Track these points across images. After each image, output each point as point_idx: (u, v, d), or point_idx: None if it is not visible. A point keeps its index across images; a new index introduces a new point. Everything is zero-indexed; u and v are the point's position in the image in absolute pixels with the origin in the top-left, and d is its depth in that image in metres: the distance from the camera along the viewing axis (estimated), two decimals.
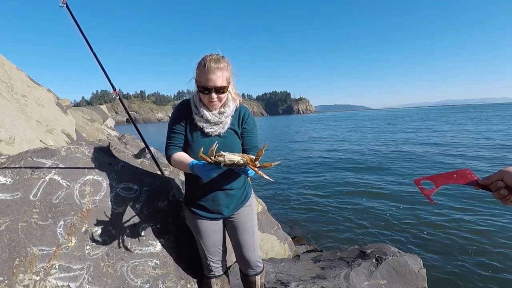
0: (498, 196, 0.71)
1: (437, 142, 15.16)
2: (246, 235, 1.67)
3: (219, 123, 1.49)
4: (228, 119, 1.51)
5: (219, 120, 1.48)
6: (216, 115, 1.48)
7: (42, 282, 1.41)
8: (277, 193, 7.36)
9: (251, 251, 1.69)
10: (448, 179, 0.82)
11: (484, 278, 3.33)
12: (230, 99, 1.50)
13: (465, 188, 6.49)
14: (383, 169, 9.15)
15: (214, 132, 1.49)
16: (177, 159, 1.45)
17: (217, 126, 1.48)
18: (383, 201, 6.13)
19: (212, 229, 1.64)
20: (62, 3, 1.61)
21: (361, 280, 2.39)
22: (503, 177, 0.70)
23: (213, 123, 1.48)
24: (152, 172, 1.99)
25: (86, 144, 1.90)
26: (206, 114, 1.46)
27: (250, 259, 1.70)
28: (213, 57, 1.40)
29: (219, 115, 1.48)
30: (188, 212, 1.67)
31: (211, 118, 1.47)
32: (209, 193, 1.55)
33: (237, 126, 1.55)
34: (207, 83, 1.38)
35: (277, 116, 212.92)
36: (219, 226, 1.68)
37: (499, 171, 0.71)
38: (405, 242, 4.29)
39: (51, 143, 3.09)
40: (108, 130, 8.67)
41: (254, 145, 1.59)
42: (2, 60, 3.30)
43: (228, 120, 1.51)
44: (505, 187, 0.70)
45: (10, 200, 1.52)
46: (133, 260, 1.65)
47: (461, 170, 0.80)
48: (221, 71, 1.39)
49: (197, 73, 1.44)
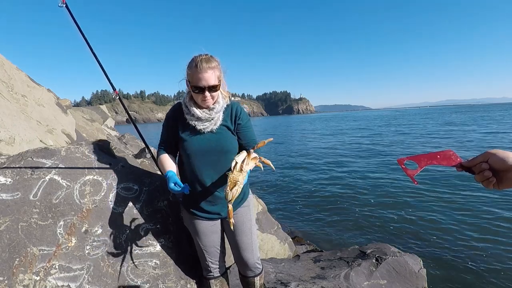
0: (481, 178, 0.70)
1: (442, 142, 15.17)
2: (243, 236, 1.65)
3: (210, 120, 1.50)
4: (219, 115, 1.52)
5: (209, 116, 1.49)
6: (206, 111, 1.50)
7: (42, 282, 1.41)
8: (277, 193, 7.36)
9: (249, 252, 1.68)
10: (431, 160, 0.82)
11: (484, 278, 3.33)
12: (220, 96, 1.53)
13: (466, 189, 6.49)
14: (383, 169, 9.15)
15: (206, 128, 1.50)
16: (161, 162, 1.56)
17: (209, 123, 1.50)
18: (383, 201, 6.13)
19: (210, 230, 1.64)
20: (62, 3, 1.61)
21: (361, 280, 2.39)
22: (488, 158, 0.70)
23: (204, 120, 1.49)
24: (152, 172, 1.99)
25: (86, 144, 1.90)
26: (196, 112, 1.48)
27: (248, 260, 1.68)
28: (203, 57, 1.42)
29: (209, 112, 1.50)
30: (186, 213, 1.67)
31: (202, 115, 1.49)
32: (206, 193, 1.55)
33: (230, 122, 1.56)
34: (199, 83, 1.40)
35: (277, 116, 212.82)
36: (217, 227, 1.67)
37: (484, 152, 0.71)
38: (405, 242, 4.29)
39: (51, 143, 3.08)
40: (108, 130, 8.67)
41: (251, 138, 1.61)
42: (2, 60, 3.30)
43: (220, 116, 1.52)
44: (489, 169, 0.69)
45: (10, 200, 1.51)
46: (133, 260, 1.65)
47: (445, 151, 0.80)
48: (212, 70, 1.41)
49: (188, 73, 1.45)
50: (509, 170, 0.66)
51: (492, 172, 0.69)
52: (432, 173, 8.01)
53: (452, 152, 0.79)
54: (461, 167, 0.76)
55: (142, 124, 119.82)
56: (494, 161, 0.68)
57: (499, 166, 0.67)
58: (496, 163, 0.68)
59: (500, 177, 0.69)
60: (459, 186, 6.71)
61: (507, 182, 0.68)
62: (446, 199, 5.90)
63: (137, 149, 2.77)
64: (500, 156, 0.67)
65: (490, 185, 0.70)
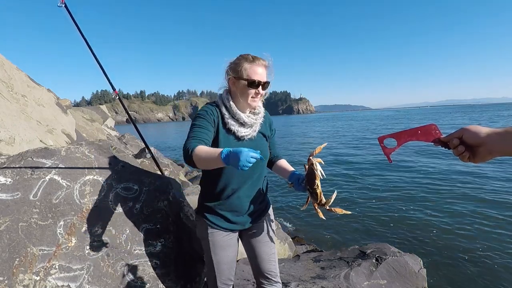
0: (456, 152, 0.74)
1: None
2: (266, 247, 1.51)
3: (252, 125, 1.39)
4: (261, 120, 1.43)
5: (254, 122, 1.39)
6: (252, 116, 1.39)
7: (42, 282, 1.42)
8: (277, 193, 7.36)
9: (273, 264, 1.53)
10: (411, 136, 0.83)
11: (485, 278, 3.33)
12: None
13: (466, 189, 6.48)
14: (383, 169, 9.15)
15: (248, 135, 1.38)
16: (203, 150, 1.16)
17: (251, 129, 1.39)
18: (383, 201, 6.13)
19: (227, 243, 1.45)
20: (61, 3, 1.61)
21: (361, 280, 2.38)
22: (463, 134, 0.72)
23: (248, 125, 1.38)
24: (152, 172, 1.99)
25: (86, 144, 1.90)
26: (241, 116, 1.35)
27: (272, 272, 1.52)
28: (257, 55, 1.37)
29: (254, 116, 1.40)
30: (202, 221, 1.45)
31: (248, 120, 1.36)
32: (232, 200, 1.40)
33: (266, 129, 1.48)
34: (256, 76, 1.32)
35: (277, 116, 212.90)
36: (235, 239, 1.50)
37: (460, 128, 0.74)
38: (405, 242, 4.29)
39: (51, 143, 3.08)
40: (108, 130, 8.67)
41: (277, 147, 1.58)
42: (2, 60, 3.30)
43: (261, 122, 1.44)
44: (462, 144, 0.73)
45: (10, 200, 1.52)
46: (133, 260, 1.65)
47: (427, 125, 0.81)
48: (266, 68, 1.37)
49: (243, 67, 1.32)
50: (481, 145, 0.69)
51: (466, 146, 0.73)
52: (432, 173, 8.02)
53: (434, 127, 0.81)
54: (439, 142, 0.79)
55: (142, 124, 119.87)
56: (467, 136, 0.71)
57: (472, 141, 0.71)
58: (468, 139, 0.71)
59: (474, 152, 0.72)
60: (459, 186, 6.71)
61: (479, 156, 0.71)
62: (446, 199, 5.90)
63: (137, 149, 2.77)
64: (472, 131, 0.70)
65: (465, 159, 0.74)
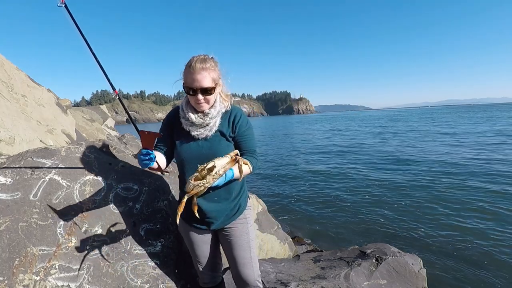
0: None
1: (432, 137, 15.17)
2: (241, 251, 1.53)
3: (204, 125, 1.42)
4: (214, 120, 1.43)
5: (203, 122, 1.41)
6: (201, 117, 1.42)
7: (42, 282, 1.41)
8: (277, 193, 7.36)
9: (248, 268, 1.53)
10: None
11: (485, 278, 3.33)
12: (218, 100, 1.45)
13: (467, 189, 6.48)
14: (383, 169, 9.15)
15: (201, 135, 1.43)
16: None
17: (203, 129, 1.43)
18: (383, 201, 6.13)
19: (201, 240, 1.56)
20: (61, 3, 1.60)
21: (361, 280, 2.38)
22: None
23: (198, 125, 1.42)
24: (152, 172, 1.99)
25: (86, 144, 1.90)
26: (191, 116, 1.41)
27: (247, 277, 1.53)
28: (200, 57, 1.36)
29: (204, 117, 1.42)
30: (181, 219, 1.56)
31: (196, 120, 1.41)
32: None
33: (227, 129, 1.46)
34: (192, 84, 1.34)
35: (277, 116, 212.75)
36: (208, 238, 1.58)
37: None
38: (405, 242, 4.29)
39: (51, 143, 3.08)
40: (108, 130, 8.66)
41: (250, 148, 1.49)
42: (2, 60, 3.30)
43: (216, 122, 1.44)
44: None
45: (10, 200, 1.51)
46: (133, 260, 1.65)
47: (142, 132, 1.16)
48: (207, 72, 1.34)
49: (183, 74, 1.39)
50: None
51: None
52: (432, 173, 8.01)
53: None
54: None
55: (142, 124, 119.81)
56: None
57: None
58: None
59: None
60: (460, 186, 6.71)
61: None
62: (446, 199, 5.90)
63: (137, 149, 2.75)
64: None
65: None
